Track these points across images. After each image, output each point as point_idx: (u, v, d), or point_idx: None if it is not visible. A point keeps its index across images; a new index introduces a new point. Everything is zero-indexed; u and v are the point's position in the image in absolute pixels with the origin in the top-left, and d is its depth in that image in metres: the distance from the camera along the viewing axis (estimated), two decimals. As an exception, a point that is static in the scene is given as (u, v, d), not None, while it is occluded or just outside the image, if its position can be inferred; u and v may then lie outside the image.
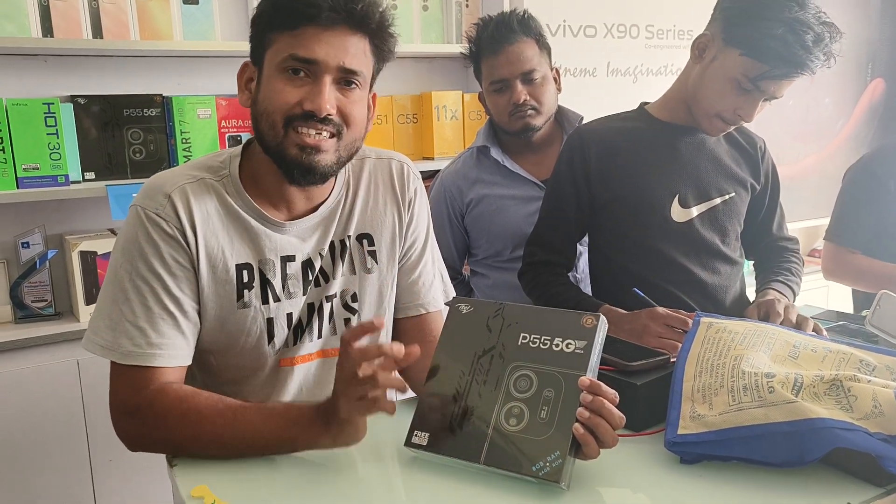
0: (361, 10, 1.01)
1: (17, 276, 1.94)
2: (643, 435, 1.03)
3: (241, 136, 2.14)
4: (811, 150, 3.43)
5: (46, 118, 1.87)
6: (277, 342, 1.12)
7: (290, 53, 1.00)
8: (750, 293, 1.60)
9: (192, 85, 2.17)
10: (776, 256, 1.62)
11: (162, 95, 2.06)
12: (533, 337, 0.96)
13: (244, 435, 0.96)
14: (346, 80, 1.03)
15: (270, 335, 1.11)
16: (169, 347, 1.01)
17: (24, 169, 1.86)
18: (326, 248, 1.14)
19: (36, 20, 1.85)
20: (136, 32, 1.98)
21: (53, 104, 1.87)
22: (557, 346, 0.94)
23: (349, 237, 1.16)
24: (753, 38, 1.29)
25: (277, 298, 1.11)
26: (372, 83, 1.10)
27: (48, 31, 1.87)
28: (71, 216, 2.06)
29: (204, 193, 1.06)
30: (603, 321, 0.95)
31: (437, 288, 1.27)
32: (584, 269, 1.76)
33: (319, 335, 1.16)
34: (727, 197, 1.51)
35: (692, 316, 1.21)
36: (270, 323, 1.11)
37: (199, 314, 1.07)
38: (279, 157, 1.04)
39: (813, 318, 1.38)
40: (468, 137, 2.47)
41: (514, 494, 0.88)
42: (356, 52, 1.03)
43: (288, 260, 1.11)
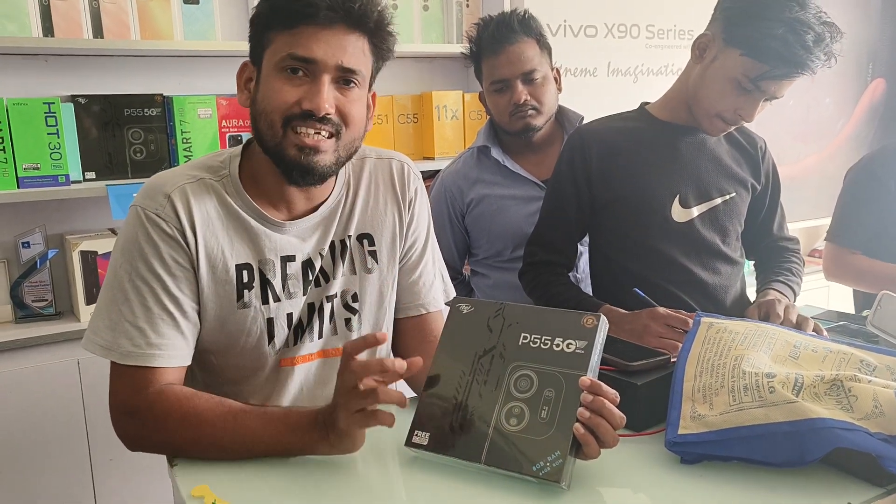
0: (359, 8, 1.01)
1: (17, 275, 1.95)
2: (644, 435, 1.03)
3: (241, 135, 2.14)
4: (812, 150, 3.43)
5: (47, 118, 1.87)
6: (278, 342, 1.12)
7: (288, 53, 1.00)
8: (750, 293, 1.60)
9: (192, 85, 2.17)
10: (777, 256, 1.61)
11: (162, 95, 2.06)
12: (533, 337, 0.96)
13: (243, 439, 0.96)
14: (344, 79, 1.03)
15: (271, 335, 1.11)
16: (168, 348, 1.01)
17: (24, 168, 1.86)
18: (327, 248, 1.14)
19: (37, 20, 1.85)
20: (136, 32, 1.98)
21: (54, 104, 1.87)
22: (558, 346, 0.94)
23: (349, 237, 1.16)
24: (754, 38, 1.29)
25: (277, 298, 1.10)
26: (371, 82, 1.10)
27: (49, 30, 1.87)
28: (71, 216, 2.06)
29: (204, 193, 1.06)
30: (603, 321, 0.95)
31: (437, 288, 1.27)
32: (584, 269, 1.76)
33: (320, 335, 1.16)
34: (728, 197, 1.51)
35: (693, 316, 1.21)
36: (270, 323, 1.10)
37: (198, 314, 1.07)
38: (278, 157, 1.04)
39: (813, 318, 1.38)
40: (469, 137, 2.47)
41: (514, 494, 0.88)
42: (354, 50, 1.03)
43: (288, 260, 1.11)
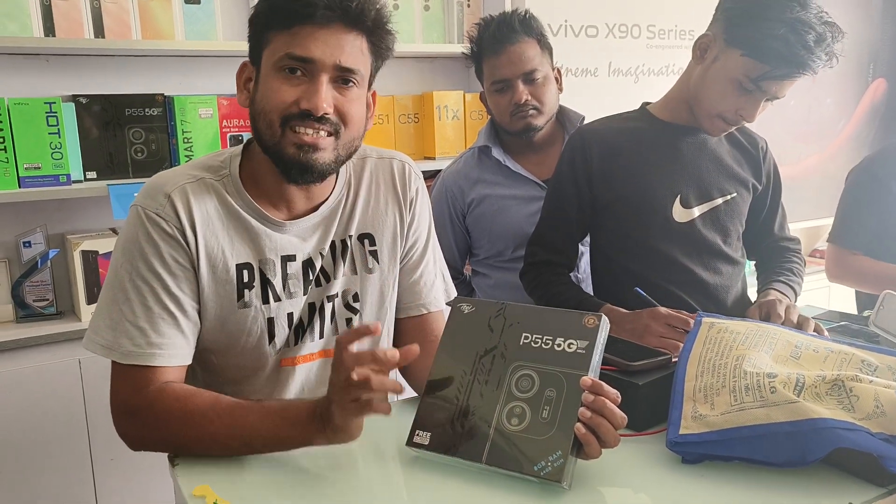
0: (357, 7, 1.01)
1: (18, 275, 1.95)
2: (645, 435, 1.03)
3: (242, 135, 2.14)
4: (813, 150, 3.43)
5: (48, 118, 1.87)
6: (278, 342, 1.12)
7: (286, 52, 1.00)
8: (751, 293, 1.60)
9: (193, 84, 2.17)
10: (778, 257, 1.61)
11: (163, 95, 2.06)
12: (535, 337, 0.96)
13: (242, 434, 0.96)
14: (342, 78, 1.03)
15: (271, 335, 1.11)
16: (169, 347, 1.02)
17: (25, 168, 1.87)
18: (327, 247, 1.14)
19: (38, 20, 1.85)
20: (137, 32, 1.98)
21: (55, 104, 1.88)
22: (559, 345, 0.94)
23: (350, 237, 1.16)
24: (755, 38, 1.29)
25: (278, 298, 1.10)
26: (371, 81, 1.10)
27: (50, 30, 1.87)
28: (72, 215, 2.06)
29: (204, 193, 1.06)
30: (605, 321, 0.94)
31: (438, 288, 1.27)
32: (585, 268, 1.76)
33: (321, 335, 1.16)
34: (729, 197, 1.51)
35: (694, 316, 1.21)
36: (271, 322, 1.10)
37: (199, 314, 1.07)
38: (277, 156, 1.04)
39: (815, 318, 1.38)
40: (469, 137, 2.47)
41: (515, 494, 0.88)
42: (352, 50, 1.02)
43: (288, 259, 1.11)
